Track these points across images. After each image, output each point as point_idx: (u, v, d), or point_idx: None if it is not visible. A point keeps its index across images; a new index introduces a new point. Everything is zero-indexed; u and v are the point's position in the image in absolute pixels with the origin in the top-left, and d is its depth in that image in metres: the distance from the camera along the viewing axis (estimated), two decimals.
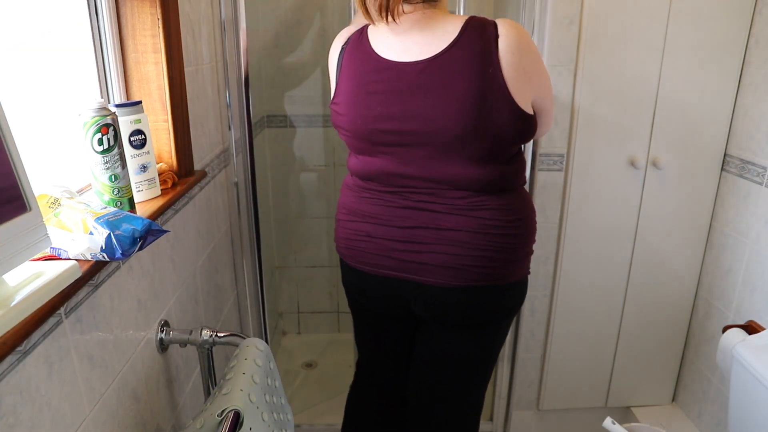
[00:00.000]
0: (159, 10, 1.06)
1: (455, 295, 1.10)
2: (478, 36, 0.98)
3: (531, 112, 1.03)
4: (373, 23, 1.07)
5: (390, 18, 1.00)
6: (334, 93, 1.13)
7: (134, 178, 0.99)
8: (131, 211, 0.92)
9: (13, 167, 0.59)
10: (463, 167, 1.04)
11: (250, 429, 0.87)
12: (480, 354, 1.21)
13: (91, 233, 0.73)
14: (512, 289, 1.15)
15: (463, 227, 1.06)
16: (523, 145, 1.16)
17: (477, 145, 1.02)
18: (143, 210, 0.97)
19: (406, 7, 1.02)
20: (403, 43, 1.03)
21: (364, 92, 1.07)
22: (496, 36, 0.97)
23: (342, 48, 1.12)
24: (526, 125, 1.03)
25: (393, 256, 1.12)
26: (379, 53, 1.06)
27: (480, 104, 0.98)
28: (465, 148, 1.02)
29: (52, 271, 0.66)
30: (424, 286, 1.12)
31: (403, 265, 1.12)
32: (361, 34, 1.10)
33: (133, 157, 0.98)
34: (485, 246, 1.06)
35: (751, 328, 1.35)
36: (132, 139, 0.98)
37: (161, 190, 1.07)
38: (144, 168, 1.01)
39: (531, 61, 1.00)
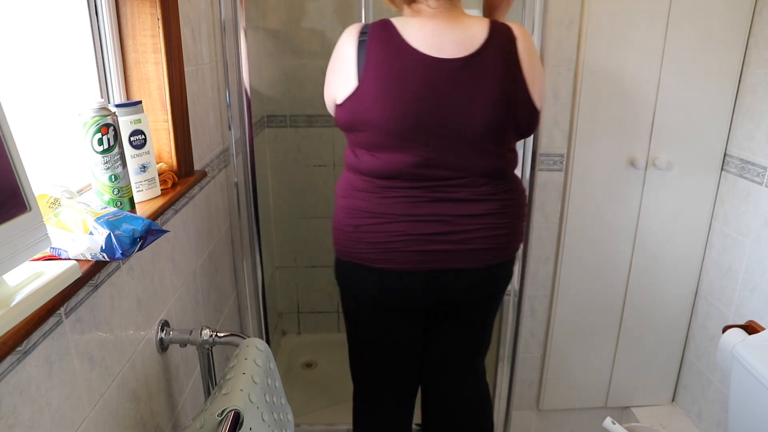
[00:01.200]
0: (159, 10, 1.06)
1: (491, 273, 1.22)
2: (503, 40, 1.08)
3: (540, 107, 1.15)
4: (399, 8, 1.06)
5: (414, 5, 1.06)
6: (357, 89, 1.07)
7: (134, 178, 0.99)
8: (131, 211, 0.92)
9: (13, 167, 0.59)
10: (488, 157, 1.13)
11: (250, 429, 0.87)
12: (491, 326, 1.39)
13: (91, 233, 0.73)
14: (514, 258, 1.30)
15: (492, 210, 1.16)
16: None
17: (501, 137, 1.13)
18: (143, 210, 0.97)
19: (431, 3, 1.07)
20: (439, 39, 1.06)
21: (401, 86, 1.04)
22: (515, 39, 1.09)
23: (360, 41, 1.07)
24: (536, 118, 1.16)
25: (432, 248, 1.14)
26: (415, 47, 1.05)
27: (508, 101, 1.09)
28: (492, 140, 1.12)
29: (52, 271, 0.67)
30: (463, 271, 1.18)
31: (442, 256, 1.15)
32: (387, 26, 1.07)
33: (133, 157, 0.98)
34: (507, 224, 1.19)
35: (751, 328, 1.35)
36: (132, 139, 0.98)
37: (161, 190, 1.07)
38: (144, 168, 1.01)
39: (537, 61, 1.13)
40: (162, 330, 1.03)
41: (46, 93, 0.90)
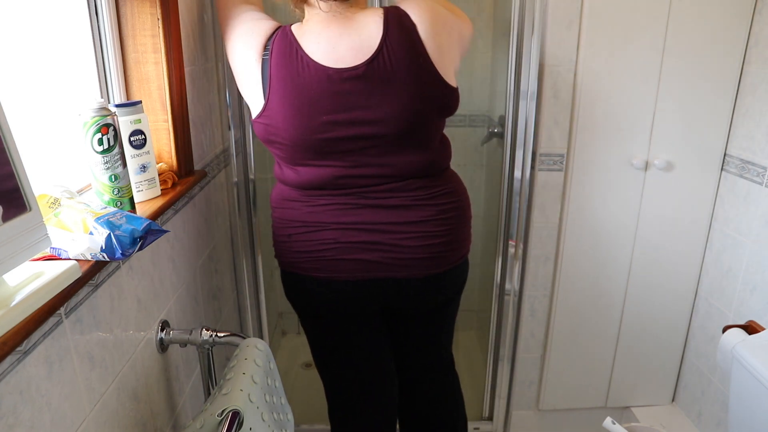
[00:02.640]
0: (159, 10, 1.06)
1: (432, 282, 1.17)
2: (401, 30, 1.02)
3: (456, 84, 1.09)
4: (298, 10, 1.06)
5: (306, 7, 1.04)
6: (265, 106, 1.05)
7: (134, 178, 0.99)
8: (131, 211, 0.92)
9: (13, 167, 0.59)
10: (414, 153, 1.09)
11: (250, 429, 0.87)
12: (452, 322, 1.36)
13: (91, 233, 0.73)
14: (467, 262, 1.25)
15: (428, 217, 1.11)
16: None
17: (423, 130, 1.08)
18: (143, 210, 0.97)
19: (322, 5, 1.03)
20: (336, 48, 1.02)
21: (307, 102, 1.02)
22: (414, 25, 1.02)
23: (263, 58, 1.05)
24: (455, 97, 1.10)
25: (364, 258, 1.11)
26: (316, 60, 1.02)
27: (420, 93, 1.04)
28: (413, 136, 1.07)
29: (52, 271, 0.67)
30: (401, 281, 1.14)
31: (375, 266, 1.12)
32: (286, 39, 1.04)
33: (133, 157, 0.98)
34: (445, 232, 1.13)
35: (751, 328, 1.35)
36: (132, 139, 0.98)
37: (161, 190, 1.07)
38: (144, 168, 1.01)
39: (447, 34, 1.05)
40: (162, 330, 1.03)
41: (46, 93, 0.90)
